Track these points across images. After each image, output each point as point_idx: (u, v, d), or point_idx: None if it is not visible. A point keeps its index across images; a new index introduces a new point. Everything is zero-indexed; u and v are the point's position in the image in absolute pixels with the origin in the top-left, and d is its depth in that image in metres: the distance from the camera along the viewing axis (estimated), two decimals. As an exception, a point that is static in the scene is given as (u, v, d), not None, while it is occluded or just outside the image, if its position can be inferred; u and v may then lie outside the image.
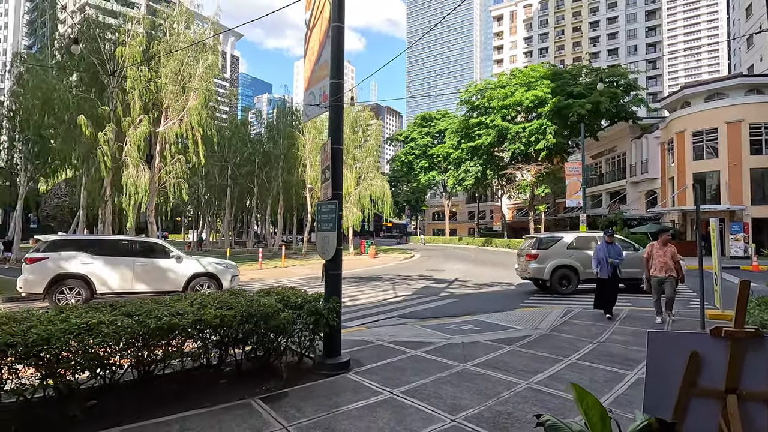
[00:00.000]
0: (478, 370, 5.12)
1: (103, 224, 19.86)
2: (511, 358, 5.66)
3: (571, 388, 1.75)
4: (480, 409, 3.92)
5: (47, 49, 23.25)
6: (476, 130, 41.52)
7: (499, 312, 9.49)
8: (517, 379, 4.77)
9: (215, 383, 4.52)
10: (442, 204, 63.63)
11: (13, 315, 3.93)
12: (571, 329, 7.41)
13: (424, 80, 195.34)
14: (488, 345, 6.33)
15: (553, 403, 4.07)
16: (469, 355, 5.74)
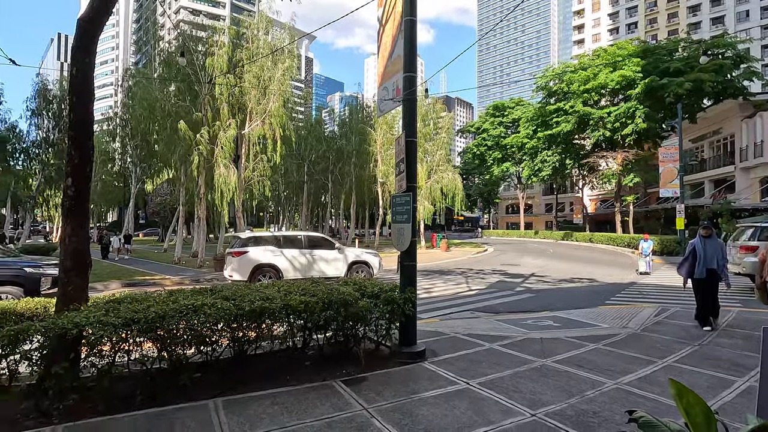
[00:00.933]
0: (560, 366, 4.91)
1: (199, 219, 22.01)
2: (596, 356, 5.34)
3: (669, 384, 1.64)
4: (562, 405, 3.78)
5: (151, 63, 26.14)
6: (554, 118, 39.14)
7: (580, 309, 8.96)
8: (604, 378, 4.50)
9: (300, 365, 4.85)
10: (516, 196, 61.02)
11: (135, 296, 4.57)
12: (666, 329, 6.77)
13: (496, 68, 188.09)
14: (570, 342, 6.02)
15: (645, 405, 3.78)
16: (548, 351, 5.52)
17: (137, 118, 24.02)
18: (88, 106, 4.24)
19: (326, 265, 12.76)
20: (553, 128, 38.74)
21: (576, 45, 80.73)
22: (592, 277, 15.03)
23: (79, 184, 4.13)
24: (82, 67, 4.14)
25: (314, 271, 12.38)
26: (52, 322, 3.60)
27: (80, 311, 3.84)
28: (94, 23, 4.17)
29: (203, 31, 24.13)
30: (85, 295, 4.36)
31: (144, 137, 26.29)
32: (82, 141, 4.15)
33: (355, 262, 13.25)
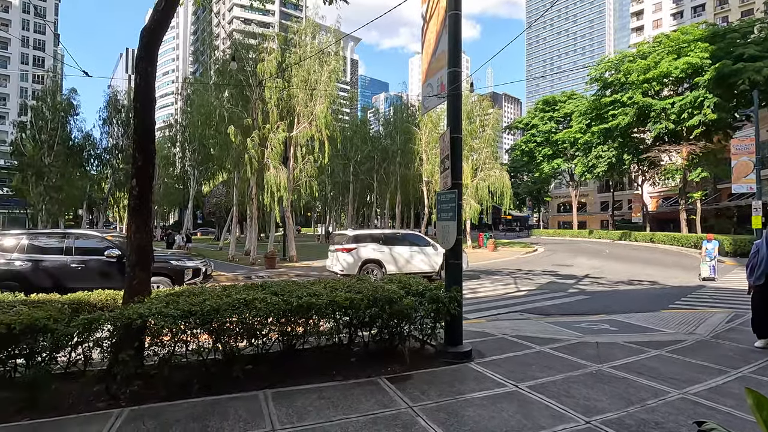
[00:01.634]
0: (617, 372, 4.62)
1: (251, 219, 22.99)
2: (659, 363, 4.97)
3: (746, 394, 1.48)
4: (620, 414, 3.55)
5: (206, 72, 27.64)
6: (610, 110, 37.04)
7: (641, 312, 8.40)
8: (668, 387, 4.18)
9: (346, 361, 4.91)
10: (568, 194, 58.36)
11: (193, 290, 4.84)
12: (742, 337, 6.18)
13: (546, 62, 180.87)
14: (628, 347, 5.66)
15: (716, 418, 3.47)
16: (604, 356, 5.21)
17: (194, 124, 25.50)
18: (150, 111, 4.55)
19: (422, 261, 13.58)
20: (609, 122, 36.68)
21: (634, 33, 75.80)
22: (654, 280, 14.05)
23: (142, 185, 4.43)
24: (144, 75, 4.44)
25: (412, 266, 13.32)
26: (119, 313, 3.90)
27: (144, 303, 4.12)
28: (155, 34, 4.46)
29: (254, 39, 25.18)
30: (149, 288, 4.68)
31: (201, 142, 27.86)
32: (145, 145, 4.46)
33: None
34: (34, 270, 8.54)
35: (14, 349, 3.71)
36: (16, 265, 8.51)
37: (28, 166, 30.19)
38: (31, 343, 3.71)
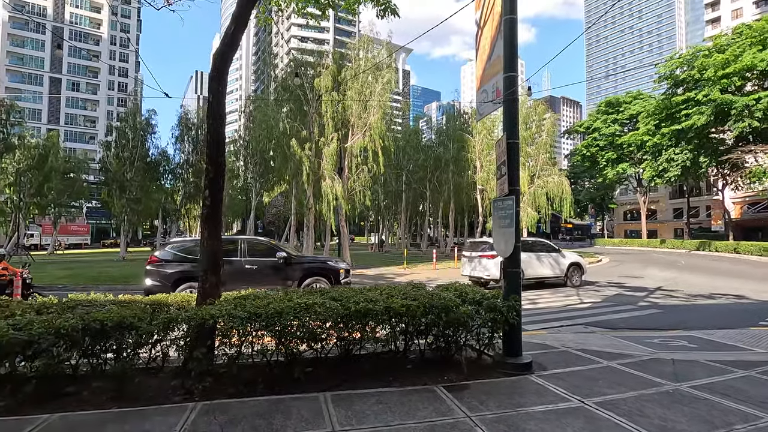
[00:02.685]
0: (697, 393, 4.23)
1: (307, 228, 23.81)
2: (748, 385, 4.49)
3: None
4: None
5: (267, 89, 29.24)
6: (682, 110, 34.31)
7: (724, 329, 7.63)
8: (760, 411, 3.76)
9: (402, 367, 4.93)
10: (635, 201, 54.44)
11: (258, 294, 5.12)
12: None
13: (608, 61, 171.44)
14: (711, 366, 5.16)
15: (821, 449, 3.07)
16: (682, 375, 4.80)
17: (256, 139, 27.02)
18: (221, 127, 4.92)
19: (553, 265, 14.53)
20: (681, 122, 33.97)
21: (709, 25, 69.88)
22: (740, 293, 12.69)
23: (213, 195, 4.79)
24: (216, 94, 4.83)
25: (546, 271, 14.34)
26: (194, 313, 4.21)
27: (214, 305, 4.43)
28: (225, 57, 4.85)
29: (311, 56, 26.32)
30: (219, 291, 5.02)
31: (262, 155, 29.46)
32: (216, 158, 4.82)
33: (573, 263, 14.90)
34: None
35: (105, 343, 4.13)
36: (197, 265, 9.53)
37: (112, 181, 33.52)
38: (119, 339, 4.11)
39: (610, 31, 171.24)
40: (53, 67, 74.56)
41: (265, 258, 10.15)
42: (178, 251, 10.09)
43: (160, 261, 9.86)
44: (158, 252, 10.34)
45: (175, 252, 10.07)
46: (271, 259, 10.09)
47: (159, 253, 10.12)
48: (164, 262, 9.83)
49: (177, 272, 9.66)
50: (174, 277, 9.59)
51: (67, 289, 13.13)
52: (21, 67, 72.91)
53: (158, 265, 9.80)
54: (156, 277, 9.65)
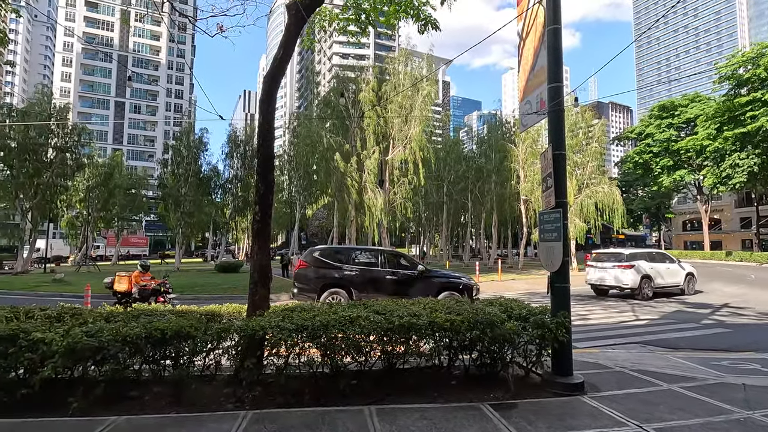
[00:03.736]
0: (774, 423, 3.86)
1: (349, 239, 24.15)
2: (835, 416, 4.04)
3: None
4: (781, 473, 2.96)
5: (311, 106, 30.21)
6: (747, 111, 31.90)
7: (805, 352, 6.92)
8: None
9: (446, 383, 4.86)
10: (696, 210, 50.78)
11: (304, 306, 5.26)
12: None
13: (660, 63, 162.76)
14: (789, 393, 4.70)
15: None
16: (756, 402, 4.40)
17: (300, 154, 27.95)
18: (270, 145, 5.17)
19: (674, 275, 15.22)
20: (746, 124, 31.56)
21: (776, 19, 64.70)
22: (822, 313, 11.47)
23: (263, 210, 5.02)
24: (265, 114, 5.09)
25: (669, 280, 14.99)
26: (245, 324, 4.40)
27: (264, 316, 4.60)
28: (274, 79, 5.11)
29: (351, 72, 26.99)
30: (267, 303, 5.21)
31: (306, 169, 30.36)
32: (266, 174, 5.06)
33: (689, 273, 15.63)
34: (358, 278, 10.30)
35: (165, 350, 4.40)
36: (344, 274, 10.34)
37: (168, 196, 35.72)
38: (177, 347, 4.37)
39: (662, 32, 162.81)
40: (118, 92, 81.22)
41: (405, 270, 10.55)
42: (324, 257, 10.70)
43: (309, 266, 10.49)
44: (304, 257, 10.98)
45: (322, 258, 10.67)
46: (410, 271, 10.47)
47: (306, 259, 10.74)
48: (312, 268, 10.47)
49: (324, 278, 10.29)
50: (321, 283, 10.23)
51: (128, 298, 14.03)
52: (91, 93, 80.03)
53: (307, 270, 10.44)
54: (304, 282, 10.32)
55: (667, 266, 15.22)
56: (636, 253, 15.40)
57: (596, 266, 15.52)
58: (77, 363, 4.09)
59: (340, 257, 10.79)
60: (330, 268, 10.47)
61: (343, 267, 10.49)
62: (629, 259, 14.70)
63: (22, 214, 30.78)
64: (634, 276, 14.15)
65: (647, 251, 16.34)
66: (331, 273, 10.35)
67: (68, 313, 5.02)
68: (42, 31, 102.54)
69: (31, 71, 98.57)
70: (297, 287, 10.36)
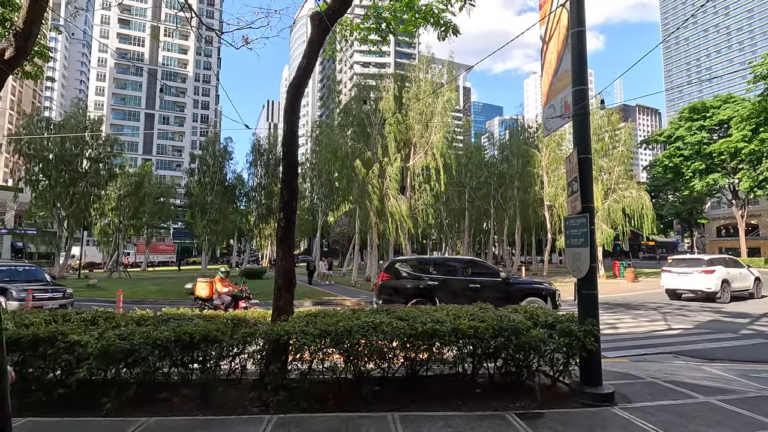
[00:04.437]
0: (822, 439, 3.64)
1: (371, 246, 24.20)
2: None
3: None
4: (831, 493, 2.79)
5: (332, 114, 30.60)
6: (785, 112, 30.46)
7: None
8: None
9: (470, 391, 4.80)
10: (731, 215, 48.69)
11: (327, 312, 5.31)
12: None
13: (690, 64, 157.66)
14: (838, 408, 4.42)
15: None
16: (801, 417, 4.16)
17: (322, 161, 28.25)
18: (294, 153, 5.27)
19: (744, 279, 15.84)
20: (784, 125, 30.13)
21: (815, 15, 61.90)
22: None
23: (288, 217, 5.10)
24: (290, 123, 5.20)
25: (741, 284, 15.61)
26: (269, 329, 4.47)
27: (288, 322, 4.66)
28: (299, 89, 5.22)
29: (372, 80, 27.24)
30: (291, 308, 5.28)
31: (328, 177, 30.64)
32: (290, 182, 5.15)
33: (756, 278, 16.38)
34: (442, 288, 10.45)
35: (193, 354, 4.50)
36: (428, 284, 10.52)
37: (195, 204, 36.75)
38: (204, 351, 4.47)
39: (691, 32, 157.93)
40: (148, 104, 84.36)
41: (487, 278, 10.65)
42: (407, 268, 10.89)
43: (392, 278, 10.66)
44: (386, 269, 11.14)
45: (404, 269, 10.86)
46: (493, 279, 10.55)
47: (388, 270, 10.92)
48: (396, 279, 10.64)
49: (408, 289, 10.43)
50: (406, 294, 10.36)
51: (158, 304, 14.48)
52: (123, 106, 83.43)
53: (391, 282, 10.61)
54: (389, 294, 10.48)
55: (740, 271, 15.85)
56: (714, 259, 16.00)
57: (675, 271, 16.09)
58: (110, 365, 4.23)
59: (422, 267, 10.97)
60: (413, 278, 10.61)
61: (426, 277, 10.62)
62: (710, 264, 15.35)
63: (59, 222, 32.22)
64: (716, 280, 14.78)
65: (722, 257, 16.89)
66: (416, 284, 10.49)
67: (102, 316, 5.21)
68: (78, 48, 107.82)
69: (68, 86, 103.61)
70: (382, 299, 10.44)
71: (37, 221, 34.85)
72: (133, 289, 19.71)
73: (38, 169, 30.30)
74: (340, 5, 5.07)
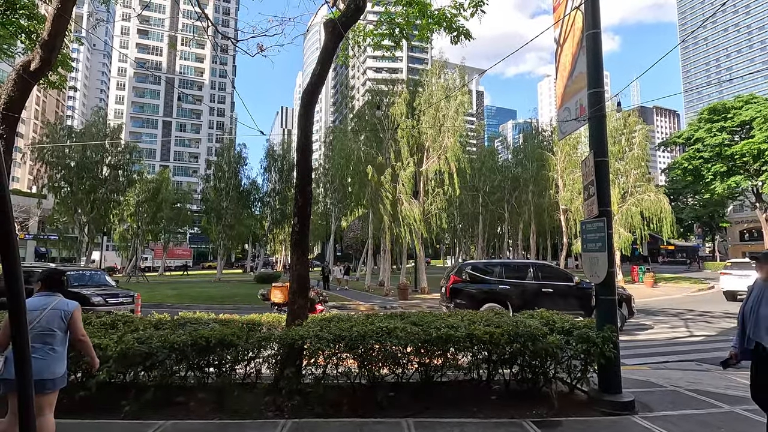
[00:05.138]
0: None
1: (384, 251, 24.19)
2: None
3: None
4: None
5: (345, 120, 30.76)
6: (810, 112, 29.52)
7: None
8: None
9: (485, 398, 4.74)
10: (755, 218, 47.26)
11: (341, 317, 5.31)
12: None
13: (710, 64, 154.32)
14: None
15: None
16: (833, 429, 3.98)
17: (336, 166, 28.40)
18: (308, 159, 5.31)
19: None
20: (810, 126, 29.20)
21: (840, 12, 60.05)
22: None
23: (302, 222, 5.14)
24: (304, 129, 5.25)
25: None
26: (284, 333, 4.49)
27: (302, 326, 4.68)
28: (312, 94, 5.28)
29: (385, 85, 27.34)
30: (306, 313, 5.30)
31: (341, 182, 30.79)
32: (304, 187, 5.19)
33: None
34: (514, 292, 10.43)
35: (209, 358, 4.55)
36: (500, 288, 10.49)
37: (211, 210, 37.26)
38: (220, 355, 4.51)
39: (710, 32, 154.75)
40: (165, 112, 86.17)
41: (560, 282, 10.53)
42: (478, 272, 10.84)
43: (464, 281, 10.64)
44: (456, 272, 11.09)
45: (476, 273, 10.82)
46: (566, 283, 10.42)
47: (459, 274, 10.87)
48: (468, 283, 10.62)
49: (480, 293, 10.40)
50: (479, 298, 10.33)
51: (175, 308, 14.70)
52: (141, 114, 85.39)
53: (463, 285, 10.60)
54: (462, 298, 10.45)
55: None
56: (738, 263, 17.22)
57: (735, 274, 16.87)
58: (129, 368, 4.31)
59: (492, 271, 10.86)
60: (485, 282, 10.55)
61: (497, 281, 10.54)
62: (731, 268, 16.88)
63: (80, 227, 33.03)
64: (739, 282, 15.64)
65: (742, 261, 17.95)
66: (488, 288, 10.45)
67: (121, 320, 5.31)
68: (99, 59, 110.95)
69: (89, 95, 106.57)
70: (455, 303, 10.35)
71: (59, 227, 35.78)
72: (151, 293, 20.05)
73: (60, 176, 31.17)
74: (353, 12, 5.12)
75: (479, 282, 10.56)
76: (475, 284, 10.57)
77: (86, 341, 3.24)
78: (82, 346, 3.25)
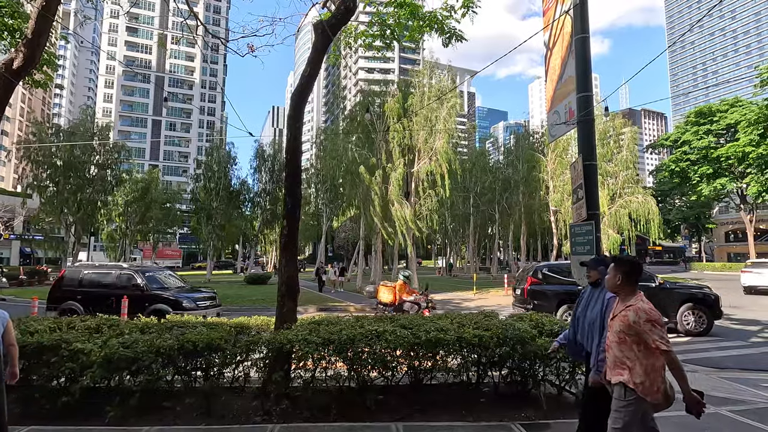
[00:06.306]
0: (836, 453, 3.56)
1: (376, 252, 24.18)
2: None
3: None
4: None
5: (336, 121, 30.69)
6: (793, 116, 30.19)
7: None
8: None
9: (475, 400, 4.75)
10: (740, 219, 48.14)
11: (330, 320, 5.28)
12: None
13: (696, 68, 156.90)
14: None
15: None
16: (814, 429, 4.07)
17: (327, 167, 28.35)
18: (298, 161, 5.28)
19: None
20: (792, 129, 29.86)
21: (822, 19, 61.45)
22: None
23: (291, 225, 5.10)
24: (293, 131, 5.21)
25: None
26: (272, 337, 4.45)
27: (291, 330, 4.64)
28: (302, 96, 5.24)
29: (377, 86, 27.34)
30: (295, 316, 5.26)
31: (332, 182, 30.72)
32: (293, 190, 5.16)
33: None
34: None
35: (196, 362, 4.49)
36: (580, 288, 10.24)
37: (201, 210, 36.90)
38: (208, 359, 4.45)
39: (697, 36, 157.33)
40: (155, 111, 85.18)
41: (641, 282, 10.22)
42: (554, 273, 10.64)
43: (541, 283, 10.50)
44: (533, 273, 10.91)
45: (552, 274, 10.64)
46: (647, 283, 9.97)
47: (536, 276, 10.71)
48: (545, 285, 10.48)
49: (558, 294, 10.22)
50: (557, 299, 10.18)
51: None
52: (130, 112, 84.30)
53: (540, 286, 10.47)
54: (540, 299, 10.31)
55: None
56: None
57: (755, 272, 19.40)
58: (114, 373, 4.23)
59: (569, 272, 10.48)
60: (562, 284, 10.34)
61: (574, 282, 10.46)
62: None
63: (66, 227, 32.47)
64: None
65: None
66: (567, 289, 10.18)
67: (106, 324, 5.22)
68: (87, 56, 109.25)
69: (77, 93, 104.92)
70: (533, 304, 10.22)
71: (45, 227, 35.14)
72: (139, 295, 19.72)
73: (46, 175, 30.62)
74: (343, 14, 5.10)
75: (557, 283, 10.43)
76: (554, 286, 10.46)
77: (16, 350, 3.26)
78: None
